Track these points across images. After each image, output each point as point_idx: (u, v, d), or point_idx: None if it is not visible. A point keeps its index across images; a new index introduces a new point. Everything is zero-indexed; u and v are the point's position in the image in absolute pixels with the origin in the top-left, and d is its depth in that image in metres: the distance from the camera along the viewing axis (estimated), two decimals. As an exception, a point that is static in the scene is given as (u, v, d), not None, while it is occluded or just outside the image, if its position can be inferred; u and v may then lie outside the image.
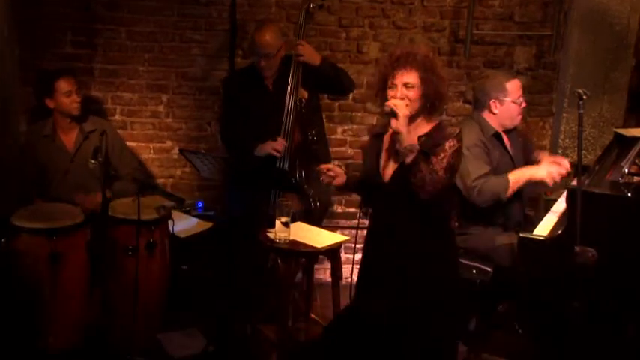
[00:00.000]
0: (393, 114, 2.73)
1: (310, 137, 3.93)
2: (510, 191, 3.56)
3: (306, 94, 4.01)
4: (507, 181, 3.56)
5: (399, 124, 2.72)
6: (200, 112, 4.74)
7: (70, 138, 4.13)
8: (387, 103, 2.76)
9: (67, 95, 4.02)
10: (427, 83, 2.79)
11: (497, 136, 3.71)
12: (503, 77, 3.72)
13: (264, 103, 4.04)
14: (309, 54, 4.00)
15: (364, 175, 3.00)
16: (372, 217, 2.98)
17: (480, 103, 3.74)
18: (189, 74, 4.69)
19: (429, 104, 2.81)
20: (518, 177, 3.58)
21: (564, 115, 4.71)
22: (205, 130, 4.75)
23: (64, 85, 4.01)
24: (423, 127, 2.84)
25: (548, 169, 3.59)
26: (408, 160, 2.74)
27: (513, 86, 3.69)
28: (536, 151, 4.00)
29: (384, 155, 2.91)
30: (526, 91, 4.78)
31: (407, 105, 2.77)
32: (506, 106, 3.68)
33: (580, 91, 2.97)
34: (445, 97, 2.88)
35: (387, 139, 2.94)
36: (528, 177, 3.59)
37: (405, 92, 2.78)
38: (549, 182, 3.57)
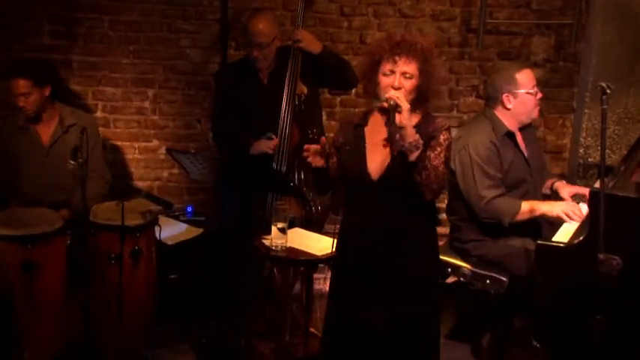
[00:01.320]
0: (397, 108, 2.73)
1: (311, 136, 3.93)
2: (517, 218, 3.59)
3: (305, 90, 4.01)
4: (518, 209, 3.59)
5: (403, 119, 2.71)
6: (189, 108, 4.74)
7: (46, 130, 4.11)
8: (388, 95, 2.75)
9: (20, 97, 3.96)
10: (425, 76, 2.81)
11: (509, 134, 3.71)
12: (512, 69, 3.75)
13: (259, 98, 4.05)
14: (309, 40, 4.00)
15: (345, 173, 2.96)
16: (352, 217, 2.95)
17: (492, 100, 3.75)
18: (178, 67, 4.69)
19: (422, 99, 2.82)
20: (531, 208, 3.61)
21: (586, 111, 4.71)
22: (195, 128, 4.75)
23: (16, 86, 3.94)
24: (412, 119, 2.84)
25: (566, 209, 3.62)
26: (413, 156, 2.73)
27: (525, 77, 3.71)
28: (553, 179, 4.01)
29: (368, 150, 2.90)
30: (544, 84, 4.80)
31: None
32: (520, 98, 3.69)
33: (603, 84, 2.96)
34: (441, 95, 2.93)
35: (370, 132, 2.92)
36: (543, 212, 3.62)
37: (402, 82, 2.79)
38: (566, 220, 3.60)
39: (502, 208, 3.58)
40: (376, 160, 2.87)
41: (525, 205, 3.60)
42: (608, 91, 2.96)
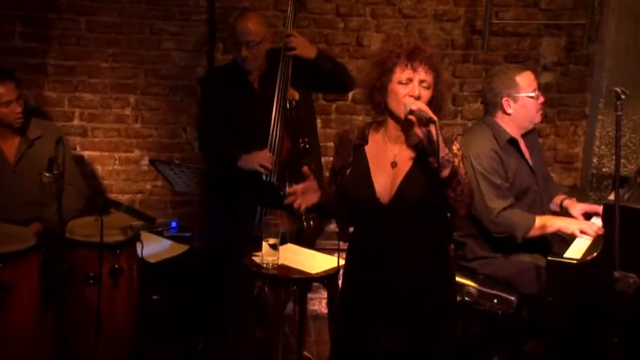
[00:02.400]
0: (431, 120, 2.67)
1: (302, 145, 3.93)
2: (531, 234, 3.60)
3: (297, 95, 4.01)
4: (532, 223, 3.59)
5: (437, 132, 2.67)
6: (174, 115, 4.74)
7: (10, 146, 4.09)
8: (418, 107, 2.71)
9: (5, 105, 3.97)
10: (439, 86, 2.81)
11: (512, 141, 3.72)
12: (512, 71, 3.74)
13: (249, 104, 4.05)
14: (303, 46, 4.01)
15: (351, 199, 2.93)
16: (362, 243, 2.94)
17: (490, 105, 3.75)
18: (161, 71, 4.70)
19: (436, 110, 2.80)
20: (546, 223, 3.62)
21: (600, 117, 4.73)
22: (180, 137, 4.75)
23: (2, 92, 3.95)
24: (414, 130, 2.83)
25: (582, 226, 3.64)
26: (447, 172, 2.71)
27: (525, 79, 3.71)
28: (562, 195, 3.99)
29: (374, 172, 2.87)
30: (555, 90, 4.83)
31: None
32: (521, 102, 3.69)
33: (618, 89, 2.98)
34: (445, 105, 2.90)
35: (372, 151, 2.89)
36: (557, 228, 3.64)
37: (421, 92, 2.76)
38: (581, 237, 3.62)
39: (514, 221, 3.58)
40: (384, 182, 2.85)
41: (539, 220, 3.61)
42: (623, 96, 2.98)
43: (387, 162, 2.85)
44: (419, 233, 2.84)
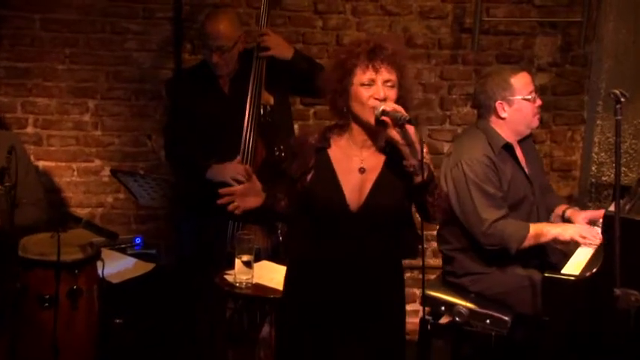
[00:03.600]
0: (410, 121, 2.71)
1: (278, 154, 3.94)
2: (526, 244, 3.61)
3: (271, 99, 4.02)
4: (526, 232, 3.60)
5: (415, 134, 2.72)
6: (137, 122, 4.74)
7: None
8: (393, 107, 2.74)
9: None
10: (405, 84, 2.84)
11: (507, 147, 3.74)
12: (506, 72, 3.76)
13: (219, 109, 4.05)
14: (278, 45, 4.02)
15: (314, 205, 2.92)
16: (318, 253, 2.94)
17: (483, 109, 3.77)
18: (123, 74, 4.70)
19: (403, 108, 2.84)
20: (541, 231, 3.63)
21: (598, 122, 4.76)
22: (144, 145, 4.74)
23: None
24: (384, 136, 2.86)
25: (579, 231, 3.65)
26: (425, 176, 2.75)
27: (521, 81, 3.72)
28: (563, 205, 4.01)
29: (341, 177, 2.88)
30: (550, 92, 4.87)
31: None
32: (517, 106, 3.71)
33: (617, 92, 3.00)
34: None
35: (336, 154, 2.90)
36: (554, 235, 3.65)
37: (386, 92, 2.80)
38: (582, 242, 3.64)
39: (508, 232, 3.60)
40: (353, 189, 2.87)
41: (534, 228, 3.62)
42: (622, 99, 3.00)
43: (354, 167, 2.88)
44: (386, 244, 2.89)
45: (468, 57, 4.83)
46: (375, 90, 2.78)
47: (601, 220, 3.66)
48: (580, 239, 3.62)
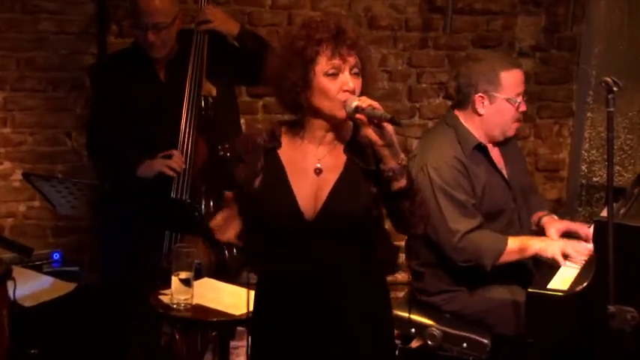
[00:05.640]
0: (393, 120, 2.69)
1: (222, 153, 3.95)
2: (502, 260, 3.63)
3: (214, 90, 4.03)
4: (503, 246, 3.62)
5: (393, 133, 2.72)
6: (55, 116, 4.73)
7: None
8: (369, 103, 2.71)
9: None
10: (366, 69, 2.84)
11: (480, 148, 3.75)
12: (498, 63, 3.75)
13: (153, 99, 4.04)
14: (221, 19, 4.05)
15: (265, 215, 2.92)
16: (276, 268, 2.97)
17: (461, 95, 3.77)
18: (38, 61, 4.68)
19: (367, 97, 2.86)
20: (521, 246, 3.66)
21: (589, 114, 4.84)
22: (63, 144, 4.74)
23: None
24: (347, 130, 2.88)
25: (564, 247, 3.66)
26: (403, 181, 2.75)
27: (511, 78, 3.72)
28: (541, 211, 4.02)
29: (293, 181, 2.88)
30: (533, 80, 4.93)
31: None
32: (497, 105, 3.71)
33: (609, 79, 3.01)
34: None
35: (287, 155, 2.91)
36: (535, 252, 3.67)
37: (354, 82, 2.79)
38: (561, 263, 3.64)
39: (482, 246, 3.62)
40: (307, 193, 2.86)
41: (514, 242, 3.64)
42: (615, 88, 3.00)
43: (309, 168, 2.87)
44: (351, 258, 2.89)
45: (440, 40, 4.88)
46: (343, 81, 2.77)
47: (580, 233, 3.75)
48: (560, 259, 3.62)
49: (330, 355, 2.91)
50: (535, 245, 3.67)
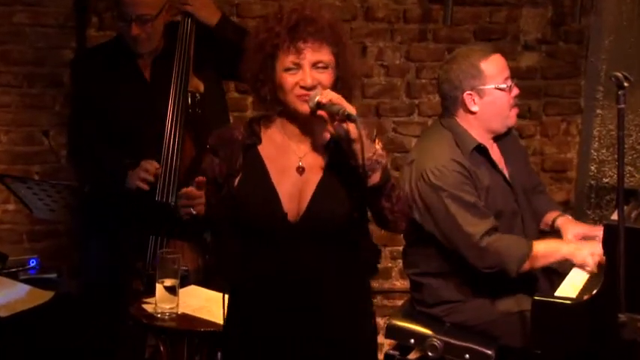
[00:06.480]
0: (349, 117, 2.71)
1: (210, 153, 3.97)
2: (528, 267, 3.61)
3: (201, 86, 4.04)
4: (528, 250, 3.59)
5: (360, 129, 2.72)
6: (31, 114, 4.74)
7: None
8: (329, 98, 2.74)
9: None
10: (343, 62, 2.85)
11: (480, 150, 3.75)
12: (475, 55, 3.74)
13: (137, 97, 4.05)
14: (202, 4, 4.05)
15: (246, 215, 2.92)
16: (255, 272, 2.96)
17: (449, 101, 3.77)
18: (13, 55, 4.69)
19: (345, 93, 2.85)
20: (546, 250, 3.64)
21: (598, 111, 4.85)
22: (40, 144, 4.73)
23: None
24: (324, 122, 2.87)
25: (595, 251, 3.60)
26: (377, 177, 2.77)
27: (493, 65, 3.72)
28: (555, 211, 4.03)
29: (275, 180, 2.90)
30: (539, 75, 4.94)
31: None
32: (489, 97, 3.70)
33: (619, 74, 3.01)
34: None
35: (268, 152, 2.92)
36: (563, 256, 3.66)
37: (316, 76, 2.80)
38: (594, 268, 3.61)
39: (503, 249, 3.59)
40: (290, 193, 2.88)
41: (539, 246, 3.62)
42: (626, 83, 3.01)
43: (291, 166, 2.89)
44: (335, 259, 2.91)
45: (440, 33, 4.90)
46: (301, 76, 2.79)
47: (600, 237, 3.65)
48: (592, 265, 3.58)
49: (314, 357, 2.94)
50: (563, 249, 3.67)
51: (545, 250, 3.64)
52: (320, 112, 2.76)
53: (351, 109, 2.72)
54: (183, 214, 2.83)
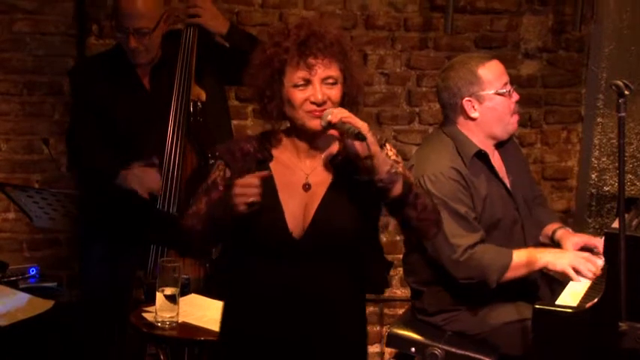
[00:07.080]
0: (359, 136, 2.70)
1: (211, 161, 3.95)
2: (508, 276, 3.61)
3: (203, 95, 4.04)
4: (508, 261, 3.61)
5: (372, 144, 2.72)
6: (31, 122, 4.74)
7: None
8: (340, 117, 2.72)
9: None
10: (350, 78, 2.86)
11: (480, 156, 3.75)
12: (473, 62, 3.76)
13: (137, 107, 4.05)
14: (211, 15, 4.06)
15: (253, 228, 2.90)
16: (256, 286, 2.96)
17: (448, 109, 3.78)
18: (13, 64, 4.70)
19: (352, 108, 2.86)
20: (528, 259, 3.65)
21: (599, 120, 4.85)
22: (40, 152, 4.74)
23: None
24: (332, 137, 2.88)
25: (575, 261, 3.64)
26: (398, 189, 2.77)
27: (491, 71, 3.73)
28: (555, 223, 4.04)
29: (282, 197, 2.89)
30: (540, 83, 4.95)
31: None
32: (489, 102, 3.71)
33: (620, 82, 3.04)
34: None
35: (278, 169, 2.92)
36: (543, 264, 3.66)
37: (326, 92, 2.81)
38: (573, 277, 3.63)
39: (486, 261, 3.61)
40: (295, 210, 2.88)
41: (520, 255, 3.64)
42: (627, 91, 3.03)
43: (298, 183, 2.90)
44: (341, 277, 2.92)
45: (441, 41, 4.90)
46: (311, 92, 2.79)
47: (600, 248, 3.69)
48: (571, 273, 3.61)
49: None
50: (543, 258, 3.66)
51: (525, 259, 3.64)
52: (332, 132, 2.79)
53: (362, 127, 2.72)
54: (239, 203, 2.75)
